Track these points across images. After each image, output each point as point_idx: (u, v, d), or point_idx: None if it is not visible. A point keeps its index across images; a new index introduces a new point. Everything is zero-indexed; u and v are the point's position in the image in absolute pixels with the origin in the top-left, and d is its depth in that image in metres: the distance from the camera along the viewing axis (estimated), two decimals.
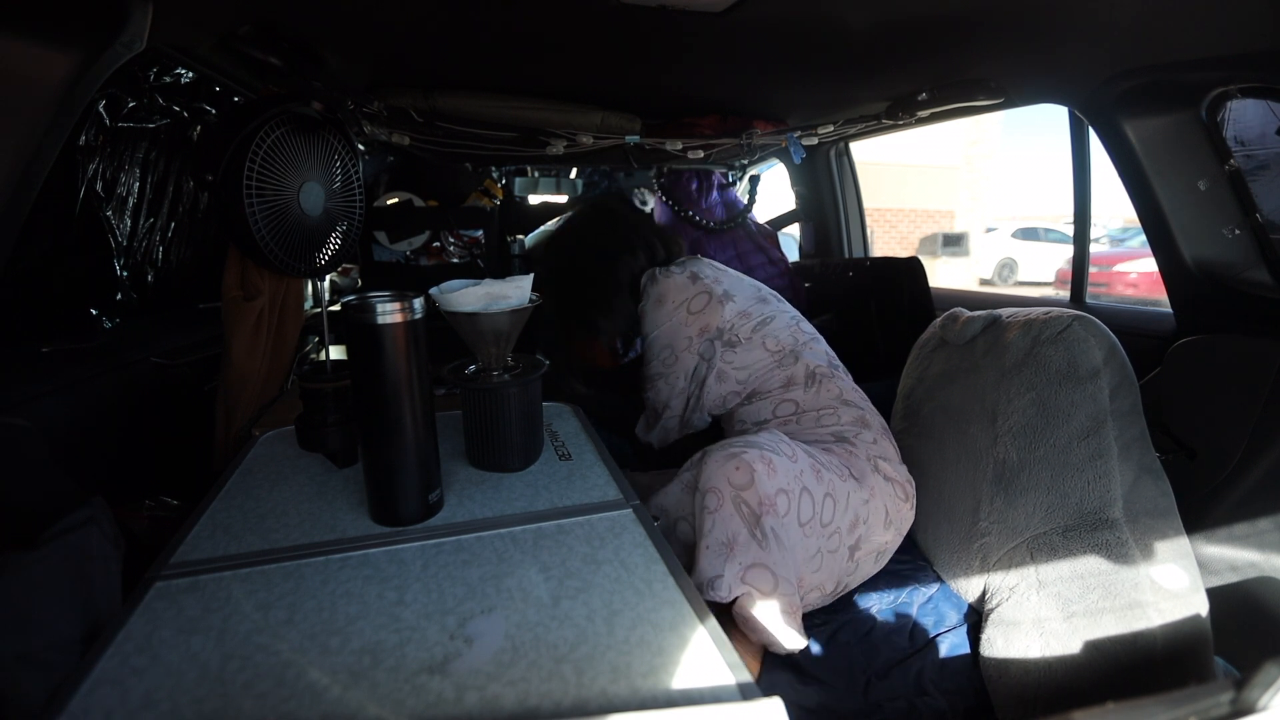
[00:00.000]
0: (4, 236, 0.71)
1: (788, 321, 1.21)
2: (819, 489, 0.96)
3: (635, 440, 1.49)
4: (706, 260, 1.29)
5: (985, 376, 1.08)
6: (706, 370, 1.19)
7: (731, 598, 0.86)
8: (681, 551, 0.97)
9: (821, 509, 0.96)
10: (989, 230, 11.50)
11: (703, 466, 0.93)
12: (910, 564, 1.15)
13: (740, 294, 1.21)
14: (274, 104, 1.05)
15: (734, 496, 0.88)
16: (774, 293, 1.29)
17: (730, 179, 2.43)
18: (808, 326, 1.25)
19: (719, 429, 1.31)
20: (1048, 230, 10.78)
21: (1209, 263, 1.20)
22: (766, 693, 0.48)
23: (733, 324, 1.17)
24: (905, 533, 1.10)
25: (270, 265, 1.08)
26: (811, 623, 1.00)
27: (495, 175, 2.51)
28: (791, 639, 0.88)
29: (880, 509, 1.03)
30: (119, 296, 1.46)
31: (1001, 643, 0.94)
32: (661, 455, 1.41)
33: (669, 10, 0.90)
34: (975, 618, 1.03)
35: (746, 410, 1.18)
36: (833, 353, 1.23)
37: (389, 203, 2.18)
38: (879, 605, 1.05)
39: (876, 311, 1.93)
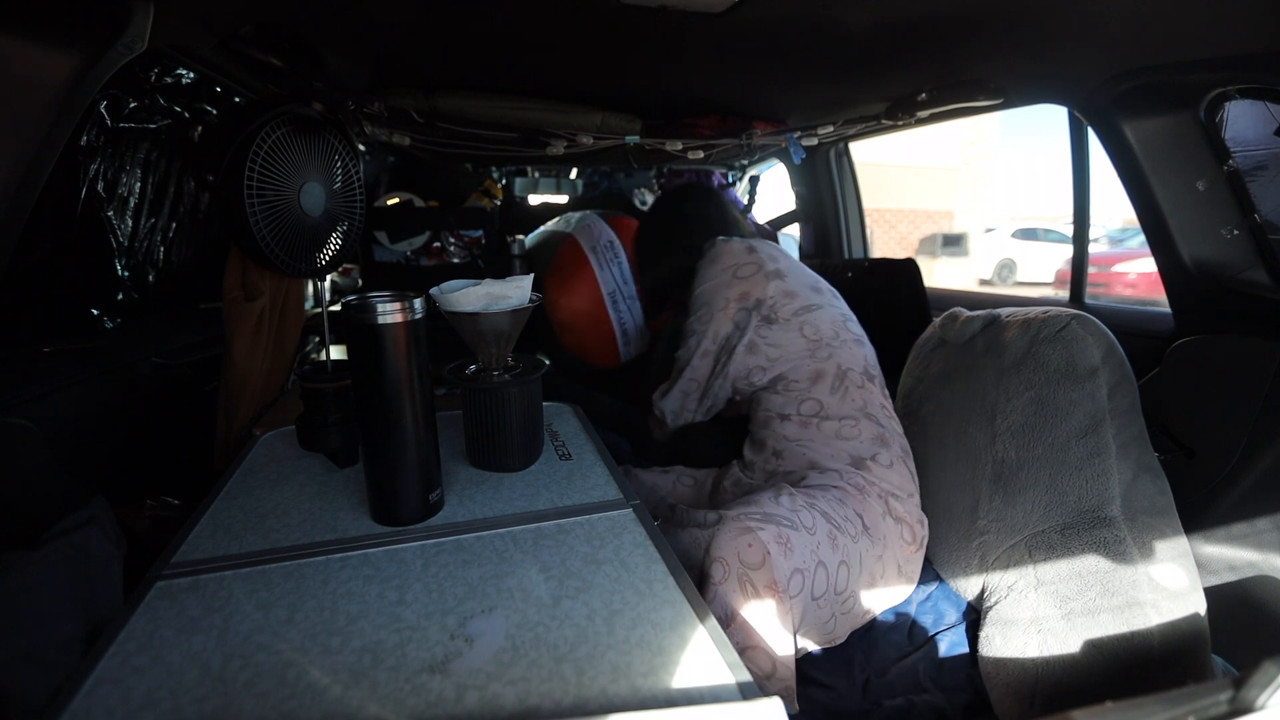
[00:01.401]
0: (6, 237, 0.71)
1: (834, 316, 1.19)
2: (834, 558, 0.93)
3: (634, 439, 1.49)
4: (775, 245, 1.31)
5: (984, 376, 1.08)
6: (738, 339, 1.17)
7: None
8: None
9: (836, 579, 0.93)
10: (988, 231, 11.50)
11: (716, 533, 0.89)
12: None
13: (793, 276, 1.21)
14: (275, 105, 1.06)
15: (740, 573, 0.85)
16: (833, 290, 1.28)
17: (730, 179, 2.44)
18: (857, 329, 1.22)
19: (730, 435, 1.29)
20: (1047, 231, 10.78)
21: (1208, 263, 1.20)
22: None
23: (774, 299, 1.16)
24: (917, 578, 1.06)
25: (271, 265, 1.08)
26: None
27: (495, 176, 2.52)
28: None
29: (893, 561, 1.01)
30: (120, 296, 1.46)
31: (1000, 641, 0.94)
32: (666, 453, 1.38)
33: (669, 11, 0.90)
34: (974, 616, 1.04)
35: (771, 399, 1.15)
36: (874, 362, 1.20)
37: (389, 203, 2.19)
38: None
39: (874, 312, 1.93)
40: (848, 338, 1.17)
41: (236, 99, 1.54)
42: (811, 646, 0.95)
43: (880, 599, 1.01)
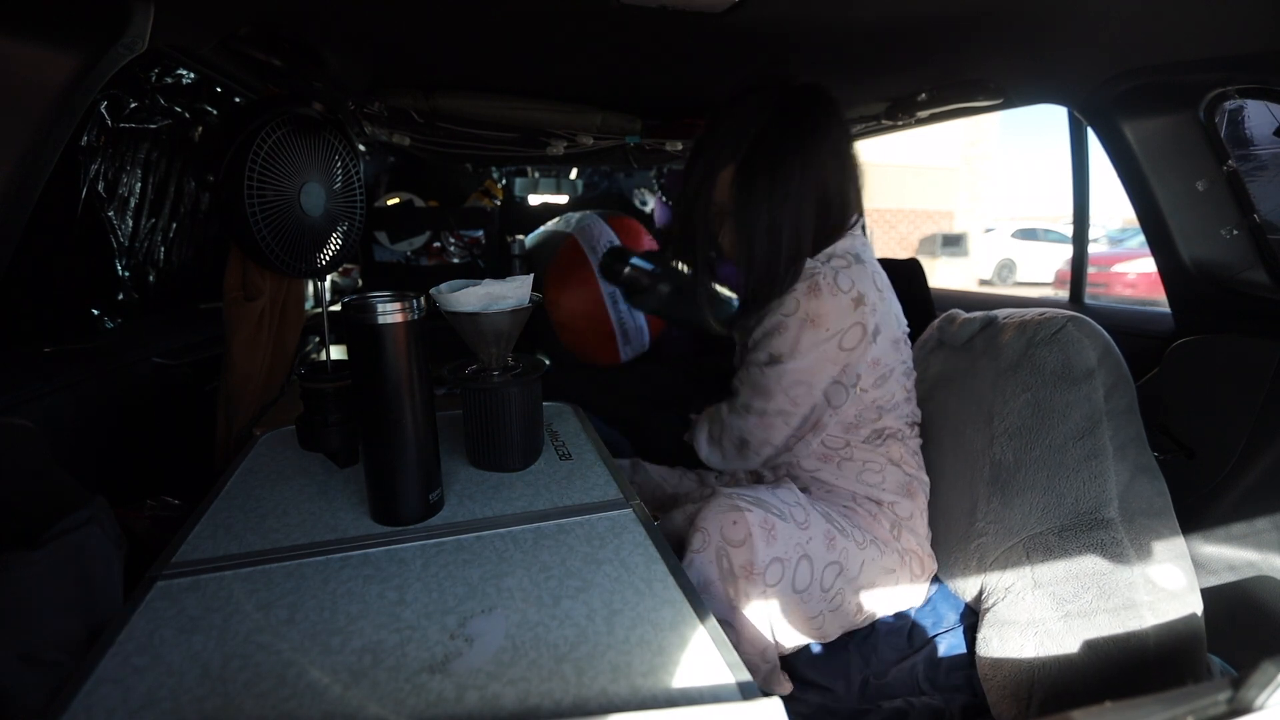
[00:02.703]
0: (6, 237, 0.71)
1: (901, 376, 1.05)
2: (826, 556, 0.92)
3: (636, 438, 1.49)
4: (869, 260, 1.03)
5: (981, 378, 1.08)
6: (826, 414, 1.02)
7: None
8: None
9: (822, 576, 0.92)
10: (988, 231, 11.51)
11: (703, 505, 0.89)
12: None
13: (885, 330, 1.00)
14: (275, 105, 1.06)
15: (719, 546, 0.85)
16: (907, 330, 1.09)
17: None
18: (912, 378, 1.09)
19: None
20: (1046, 231, 10.80)
21: (1207, 263, 1.20)
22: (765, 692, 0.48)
23: (861, 371, 1.00)
24: (921, 600, 1.05)
25: (271, 266, 1.08)
26: None
27: (495, 176, 2.52)
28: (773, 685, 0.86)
29: (906, 578, 1.01)
30: (120, 297, 1.46)
31: (997, 642, 0.94)
32: (673, 454, 1.33)
33: (669, 10, 0.90)
34: (973, 618, 1.04)
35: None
36: (918, 411, 1.11)
37: (389, 203, 2.19)
38: None
39: None
40: (903, 397, 1.06)
41: (236, 99, 1.54)
42: (804, 639, 0.95)
43: (879, 607, 1.00)
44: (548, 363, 0.91)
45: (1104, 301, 1.61)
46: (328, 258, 1.22)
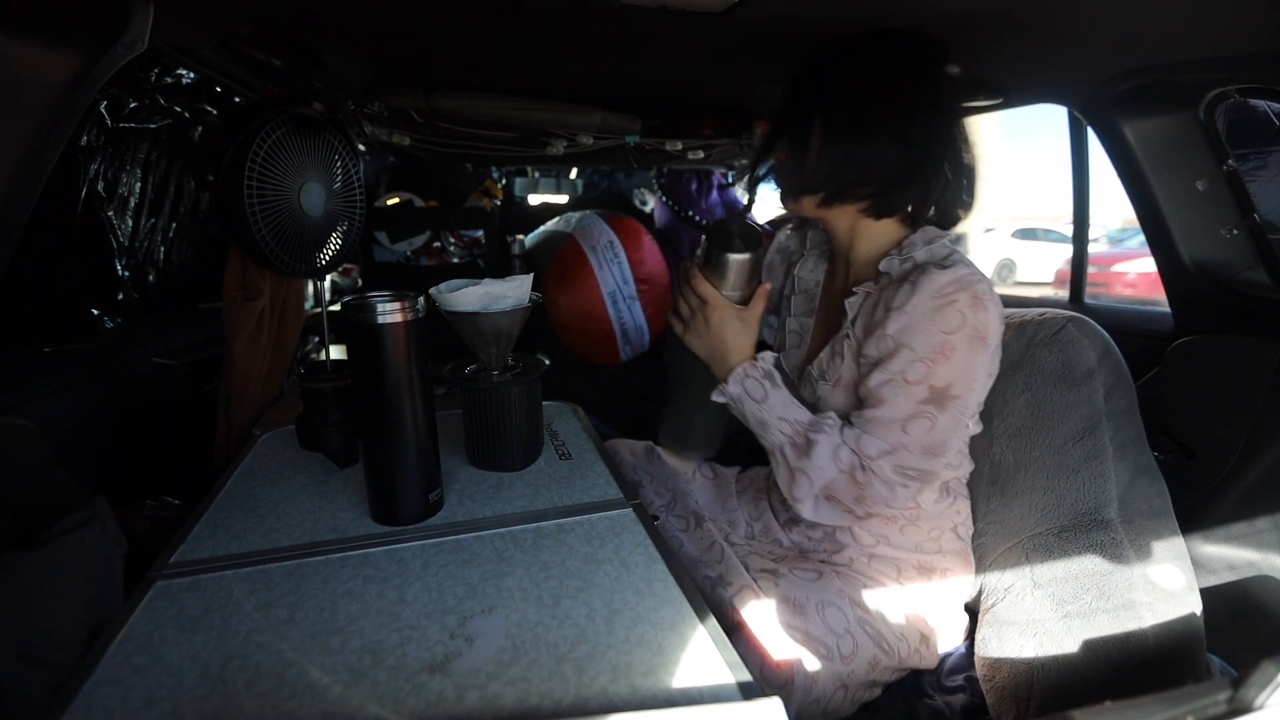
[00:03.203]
0: (6, 237, 0.71)
1: (978, 418, 0.93)
2: (865, 678, 0.86)
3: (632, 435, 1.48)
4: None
5: None
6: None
7: None
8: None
9: (856, 695, 0.86)
10: (988, 230, 11.50)
11: (755, 595, 0.81)
12: None
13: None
14: (275, 105, 1.06)
15: (756, 674, 0.76)
16: None
17: (730, 179, 2.44)
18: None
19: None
20: (1046, 231, 10.80)
21: (1207, 263, 1.20)
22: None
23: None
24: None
25: (271, 265, 1.08)
26: None
27: (495, 175, 2.52)
28: None
29: (925, 656, 0.95)
30: (120, 296, 1.46)
31: (996, 643, 0.94)
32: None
33: (669, 10, 0.90)
34: (972, 618, 1.04)
35: None
36: (971, 461, 1.00)
37: (389, 203, 2.19)
38: None
39: None
40: (968, 442, 0.97)
41: (236, 99, 1.54)
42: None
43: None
44: (548, 363, 0.91)
45: (1104, 301, 1.61)
46: (328, 258, 1.22)
